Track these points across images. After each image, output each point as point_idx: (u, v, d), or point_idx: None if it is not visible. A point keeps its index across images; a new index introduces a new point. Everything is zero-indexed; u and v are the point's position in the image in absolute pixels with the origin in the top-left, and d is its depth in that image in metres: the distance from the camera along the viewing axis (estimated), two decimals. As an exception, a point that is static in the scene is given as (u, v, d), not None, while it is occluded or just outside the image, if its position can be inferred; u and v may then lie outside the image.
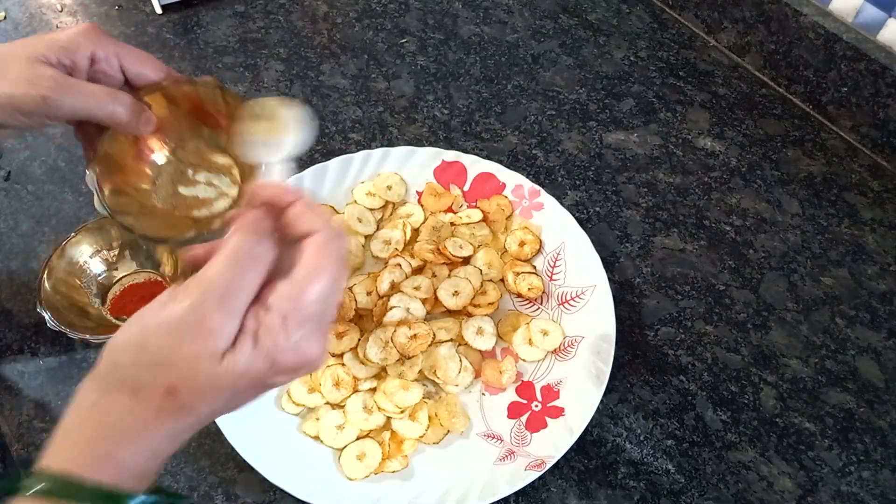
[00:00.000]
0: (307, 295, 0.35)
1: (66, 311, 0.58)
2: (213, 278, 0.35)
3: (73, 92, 0.45)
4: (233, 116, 0.51)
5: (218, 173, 0.54)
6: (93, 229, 0.62)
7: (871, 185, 0.74)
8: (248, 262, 0.35)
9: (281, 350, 0.34)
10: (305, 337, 0.35)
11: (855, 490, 0.55)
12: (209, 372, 0.34)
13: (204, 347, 0.33)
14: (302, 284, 0.35)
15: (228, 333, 0.34)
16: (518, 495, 0.53)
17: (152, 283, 0.63)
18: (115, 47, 0.48)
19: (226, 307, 0.34)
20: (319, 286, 0.35)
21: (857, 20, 0.74)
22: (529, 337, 0.60)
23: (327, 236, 0.36)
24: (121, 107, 0.47)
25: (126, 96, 0.48)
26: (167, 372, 0.34)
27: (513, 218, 0.67)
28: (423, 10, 0.89)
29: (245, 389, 0.35)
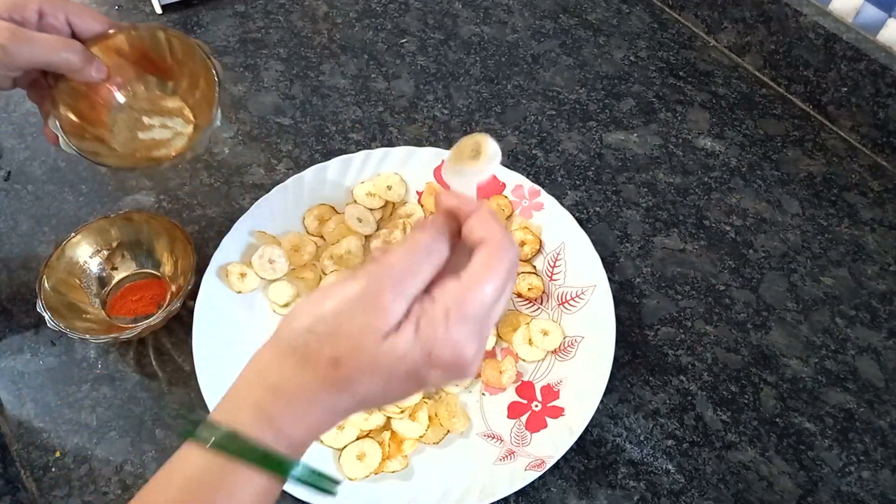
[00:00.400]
0: (472, 294, 0.35)
1: (66, 311, 0.58)
2: (390, 262, 0.36)
3: (28, 41, 0.48)
4: (177, 57, 0.56)
5: (170, 115, 0.58)
6: (93, 229, 0.62)
7: (871, 185, 0.74)
8: (424, 254, 0.36)
9: (438, 341, 0.35)
10: (464, 335, 0.35)
11: (855, 490, 0.55)
12: (372, 349, 0.34)
13: (371, 323, 0.34)
14: (468, 284, 0.36)
15: (396, 313, 0.35)
16: (518, 495, 0.53)
17: (152, 283, 0.63)
18: (61, 3, 0.51)
19: (398, 288, 0.35)
20: (485, 288, 0.36)
21: (857, 20, 0.74)
22: (529, 337, 0.60)
23: (500, 245, 0.37)
24: (73, 53, 0.51)
25: (77, 44, 0.51)
26: (335, 342, 0.34)
27: (513, 218, 0.67)
28: (423, 10, 0.89)
29: (401, 377, 0.35)
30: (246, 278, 0.62)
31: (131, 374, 0.59)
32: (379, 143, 0.75)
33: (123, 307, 0.61)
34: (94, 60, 0.53)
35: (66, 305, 0.59)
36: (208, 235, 0.67)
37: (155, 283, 0.62)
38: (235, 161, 0.73)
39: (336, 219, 0.66)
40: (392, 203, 0.67)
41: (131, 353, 0.60)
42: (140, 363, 0.59)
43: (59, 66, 0.51)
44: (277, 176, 0.71)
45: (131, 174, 0.69)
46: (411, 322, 0.35)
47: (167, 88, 0.58)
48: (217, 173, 0.72)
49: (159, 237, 0.63)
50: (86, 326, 0.58)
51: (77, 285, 0.61)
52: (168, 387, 0.58)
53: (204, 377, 0.55)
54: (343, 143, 0.75)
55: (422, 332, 0.35)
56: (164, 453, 0.55)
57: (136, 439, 0.55)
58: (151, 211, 0.68)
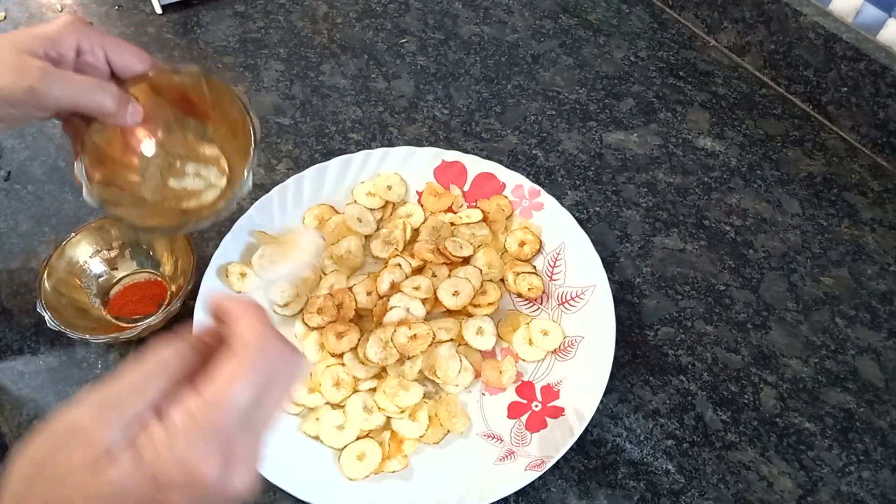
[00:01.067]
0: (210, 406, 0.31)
1: (66, 311, 0.58)
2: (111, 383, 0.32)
3: (59, 82, 0.45)
4: (218, 105, 0.52)
5: (206, 164, 0.54)
6: (93, 229, 0.62)
7: (871, 185, 0.74)
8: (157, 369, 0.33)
9: (162, 465, 0.30)
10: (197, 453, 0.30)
11: (855, 490, 0.55)
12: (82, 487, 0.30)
13: (81, 459, 0.30)
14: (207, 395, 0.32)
15: (105, 442, 0.30)
16: (518, 495, 0.53)
17: (152, 283, 0.63)
18: (100, 39, 0.48)
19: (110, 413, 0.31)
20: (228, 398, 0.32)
21: (857, 20, 0.74)
22: (529, 337, 0.60)
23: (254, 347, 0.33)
24: (107, 97, 0.47)
25: (112, 86, 0.48)
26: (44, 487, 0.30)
27: (513, 218, 0.67)
28: (423, 10, 0.89)
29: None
30: (246, 278, 0.62)
31: (131, 374, 0.59)
32: (379, 143, 0.75)
33: (123, 307, 0.61)
34: (128, 104, 0.49)
35: (66, 305, 0.59)
36: (208, 235, 0.67)
37: (155, 283, 0.63)
38: (235, 161, 0.73)
39: (336, 219, 0.66)
40: (392, 203, 0.67)
41: (131, 354, 0.60)
42: (140, 363, 0.59)
43: (91, 109, 0.47)
44: (277, 176, 0.71)
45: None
46: (128, 448, 0.30)
47: (205, 135, 0.54)
48: (217, 173, 0.72)
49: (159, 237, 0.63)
50: (86, 326, 0.58)
51: (77, 285, 0.61)
52: (168, 387, 0.58)
53: (204, 377, 0.55)
54: (343, 143, 0.75)
55: (144, 459, 0.30)
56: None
57: (136, 439, 0.55)
58: (151, 211, 0.68)
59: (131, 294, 0.62)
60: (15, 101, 0.45)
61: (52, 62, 0.46)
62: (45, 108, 0.46)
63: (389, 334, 0.58)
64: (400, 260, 0.63)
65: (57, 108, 0.46)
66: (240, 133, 0.51)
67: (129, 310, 0.61)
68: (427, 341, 0.58)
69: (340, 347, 0.58)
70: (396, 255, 0.63)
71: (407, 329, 0.58)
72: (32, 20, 0.86)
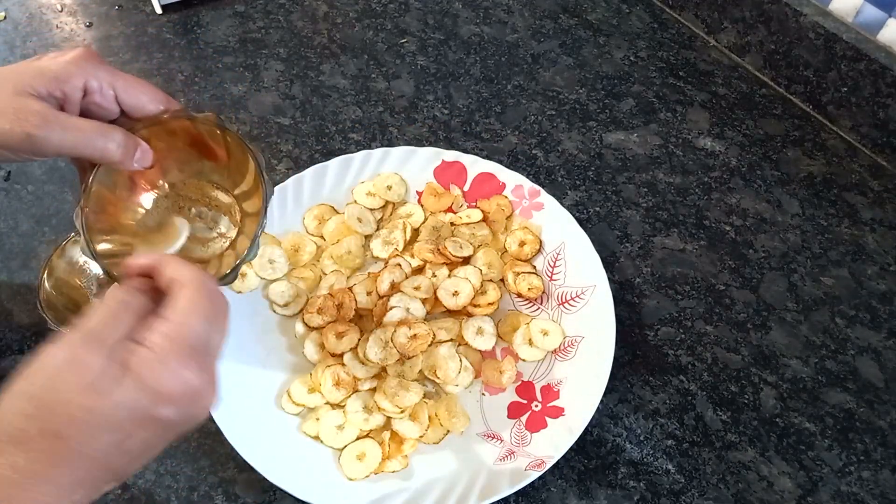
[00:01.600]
0: (184, 327, 0.36)
1: (66, 311, 0.58)
2: (85, 321, 0.36)
3: (59, 128, 0.43)
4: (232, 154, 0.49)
5: (217, 212, 0.51)
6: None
7: (871, 185, 0.74)
8: (121, 307, 0.37)
9: (163, 377, 0.34)
10: (188, 366, 0.35)
11: (855, 490, 0.55)
12: (83, 406, 0.33)
13: (74, 382, 0.34)
14: (177, 318, 0.36)
15: (98, 366, 0.34)
16: (518, 495, 0.53)
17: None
18: (110, 77, 0.45)
19: (94, 342, 0.35)
20: (193, 319, 0.36)
21: (857, 20, 0.74)
22: (529, 337, 0.60)
23: (195, 280, 0.38)
24: (112, 143, 0.44)
25: (118, 132, 0.45)
26: (45, 416, 0.33)
27: (513, 218, 0.67)
28: (423, 10, 0.89)
29: (131, 425, 0.34)
30: (246, 278, 0.62)
31: (131, 374, 0.59)
32: (379, 143, 0.75)
33: None
34: (136, 149, 0.46)
35: (66, 305, 0.59)
36: (208, 235, 0.67)
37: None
38: (235, 161, 0.73)
39: (336, 219, 0.66)
40: (392, 203, 0.67)
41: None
42: (140, 363, 0.59)
43: (94, 156, 0.44)
44: (277, 176, 0.71)
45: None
46: (115, 366, 0.34)
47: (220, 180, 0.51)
48: (217, 173, 0.72)
49: None
50: None
51: (77, 285, 0.61)
52: (168, 387, 0.58)
53: (204, 377, 0.55)
54: (343, 143, 0.75)
55: (132, 372, 0.34)
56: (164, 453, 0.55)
57: (136, 439, 0.55)
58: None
59: None
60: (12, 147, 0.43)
61: (57, 102, 0.44)
62: (44, 154, 0.44)
63: (389, 334, 0.58)
64: (400, 260, 0.63)
65: (57, 153, 0.44)
66: (251, 189, 0.49)
67: None
68: (427, 341, 0.58)
69: (340, 347, 0.58)
70: (396, 255, 0.63)
71: (407, 329, 0.58)
72: (32, 20, 0.86)
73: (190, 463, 0.55)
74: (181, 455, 0.55)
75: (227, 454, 0.54)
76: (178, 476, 0.54)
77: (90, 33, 0.85)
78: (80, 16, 0.87)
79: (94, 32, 0.85)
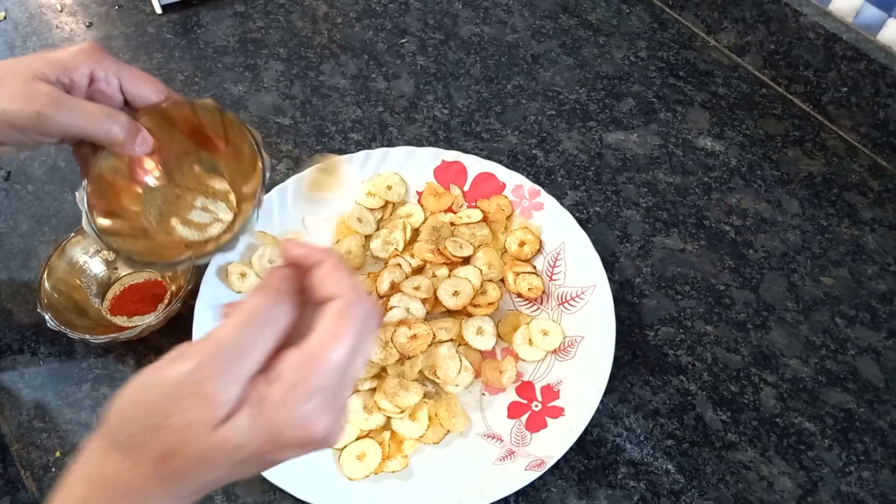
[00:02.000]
0: (318, 366, 0.32)
1: (66, 311, 0.58)
2: (221, 340, 0.32)
3: (67, 109, 0.45)
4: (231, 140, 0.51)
5: (214, 198, 0.53)
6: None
7: (871, 185, 0.74)
8: (261, 326, 0.33)
9: (282, 424, 0.32)
10: (312, 411, 0.32)
11: (855, 490, 0.55)
12: (201, 443, 0.31)
13: (198, 416, 0.31)
14: (313, 354, 0.32)
15: (226, 402, 0.31)
16: (518, 495, 0.53)
17: (152, 283, 0.63)
18: (115, 67, 0.48)
19: (228, 373, 0.32)
20: (331, 356, 0.32)
21: (857, 20, 0.74)
22: (529, 337, 0.60)
23: (349, 302, 0.33)
24: (116, 126, 0.47)
25: (122, 116, 0.47)
26: (159, 437, 0.31)
27: (513, 218, 0.67)
28: (423, 10, 0.89)
29: (245, 463, 0.33)
30: (246, 278, 0.62)
31: (131, 374, 0.59)
32: (379, 143, 0.75)
33: (124, 307, 0.61)
34: (138, 134, 0.48)
35: (66, 305, 0.59)
36: (208, 235, 0.67)
37: (155, 283, 0.63)
38: (235, 161, 0.73)
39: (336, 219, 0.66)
40: (392, 203, 0.67)
41: (131, 353, 0.60)
42: (140, 363, 0.59)
43: (99, 138, 0.47)
44: (277, 176, 0.71)
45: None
46: (247, 408, 0.32)
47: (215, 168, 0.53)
48: (217, 173, 0.72)
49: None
50: (86, 326, 0.58)
51: (77, 285, 0.61)
52: (168, 387, 0.58)
53: (204, 377, 0.55)
54: (343, 143, 0.75)
55: (263, 418, 0.32)
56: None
57: (136, 439, 0.55)
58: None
59: (131, 294, 0.62)
60: (21, 126, 0.44)
61: (64, 88, 0.46)
62: (52, 135, 0.46)
63: (389, 334, 0.58)
64: (400, 260, 0.63)
65: (64, 134, 0.46)
66: (250, 171, 0.51)
67: (129, 310, 0.61)
68: (427, 341, 0.58)
69: (340, 347, 0.58)
70: (396, 255, 0.63)
71: (407, 329, 0.58)
72: (33, 20, 0.86)
73: (190, 463, 0.54)
74: (181, 455, 0.55)
75: (227, 454, 0.54)
76: (178, 476, 0.54)
77: (90, 33, 0.85)
78: (80, 16, 0.87)
79: (94, 32, 0.85)
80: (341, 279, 0.34)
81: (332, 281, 0.34)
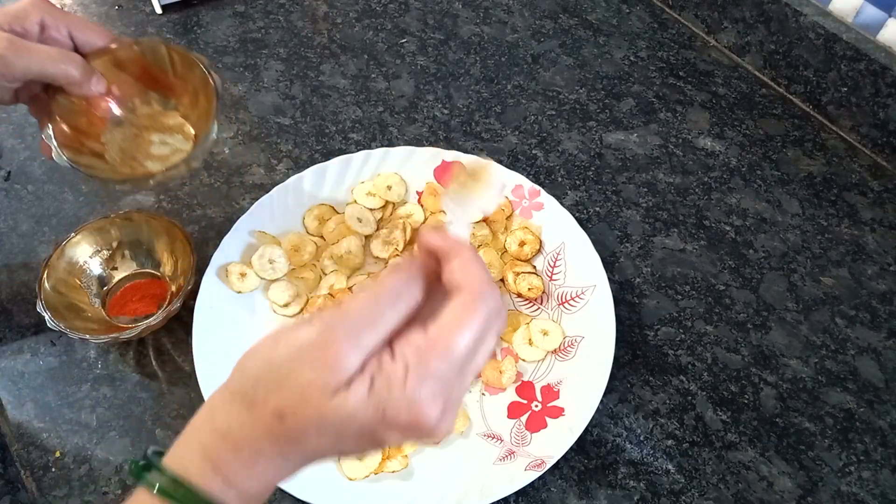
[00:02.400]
0: (438, 351, 0.32)
1: (66, 311, 0.58)
2: (350, 309, 0.33)
3: (26, 52, 0.48)
4: (180, 73, 0.55)
5: (170, 132, 0.57)
6: (93, 229, 0.62)
7: (871, 185, 0.74)
8: (389, 302, 0.33)
9: (393, 401, 0.32)
10: (425, 395, 0.32)
11: (855, 490, 0.55)
12: (317, 405, 0.32)
13: (319, 378, 0.32)
14: (435, 338, 0.33)
15: (347, 369, 0.32)
16: (518, 495, 0.53)
17: (152, 282, 0.63)
18: (64, 17, 0.51)
19: (353, 340, 0.32)
20: (453, 343, 0.32)
21: (857, 20, 0.74)
22: (529, 337, 0.60)
23: (477, 293, 0.34)
24: (73, 67, 0.50)
25: (77, 57, 0.50)
26: (279, 394, 0.32)
27: (513, 218, 0.67)
28: (423, 10, 0.89)
29: (353, 435, 0.33)
30: (246, 278, 0.62)
31: (131, 374, 0.59)
32: (379, 143, 0.75)
33: (123, 307, 0.61)
34: (93, 74, 0.51)
35: (66, 305, 0.59)
36: (208, 235, 0.67)
37: (155, 283, 0.62)
38: (235, 161, 0.73)
39: (336, 219, 0.66)
40: (392, 203, 0.67)
41: (131, 353, 0.60)
42: (140, 363, 0.59)
43: (58, 77, 0.50)
44: (277, 176, 0.71)
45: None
46: (365, 379, 0.32)
47: (168, 105, 0.57)
48: (217, 173, 0.72)
49: (159, 237, 0.63)
50: (86, 326, 0.58)
51: (77, 285, 0.61)
52: (168, 387, 0.58)
53: (204, 377, 0.55)
54: (343, 143, 0.75)
55: (376, 391, 0.32)
56: (164, 453, 0.55)
57: (136, 439, 0.55)
58: (151, 211, 0.68)
59: (131, 294, 0.62)
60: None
61: (18, 36, 0.48)
62: (13, 78, 0.48)
63: (389, 334, 0.58)
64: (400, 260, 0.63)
65: (24, 77, 0.49)
66: (202, 96, 0.54)
67: (129, 310, 0.61)
68: (427, 341, 0.58)
69: (340, 347, 0.58)
70: (396, 255, 0.63)
71: (407, 329, 0.58)
72: (32, 20, 0.86)
73: (190, 463, 0.54)
74: (181, 455, 0.55)
75: (227, 454, 0.54)
76: (178, 476, 0.54)
77: (90, 33, 0.85)
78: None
79: (94, 32, 0.85)
80: (474, 272, 0.35)
81: (465, 272, 0.35)
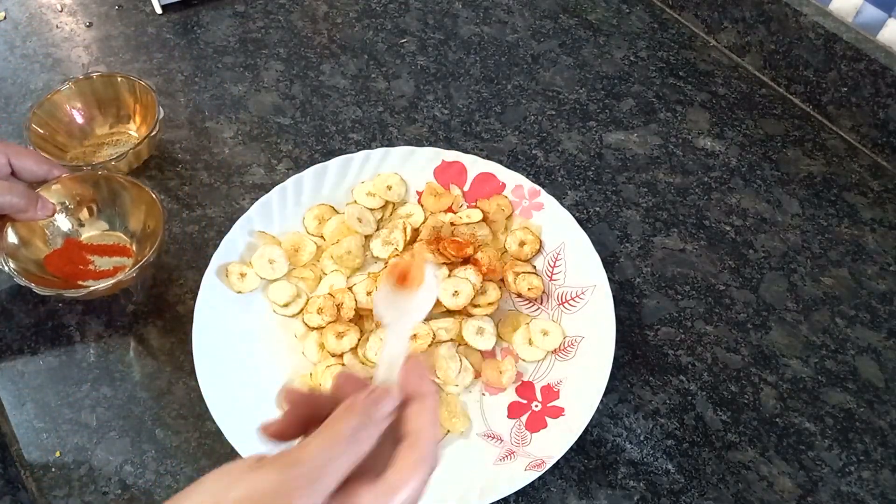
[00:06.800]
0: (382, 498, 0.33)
1: (29, 263, 0.60)
2: (308, 455, 0.33)
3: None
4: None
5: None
6: (67, 181, 0.62)
7: (871, 185, 0.74)
8: (344, 446, 0.33)
9: None
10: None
11: (855, 490, 0.55)
12: None
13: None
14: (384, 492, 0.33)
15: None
16: (518, 495, 0.53)
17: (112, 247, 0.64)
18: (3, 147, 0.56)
19: (313, 490, 0.32)
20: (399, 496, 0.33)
21: (857, 20, 0.74)
22: (529, 337, 0.60)
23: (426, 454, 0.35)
24: (15, 197, 0.55)
25: (19, 186, 0.55)
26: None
27: (513, 218, 0.67)
28: (423, 10, 0.89)
29: None
30: (246, 278, 0.62)
31: (131, 374, 0.59)
32: (379, 143, 0.75)
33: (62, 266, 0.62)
34: (36, 201, 0.56)
35: (29, 258, 0.60)
36: (208, 235, 0.67)
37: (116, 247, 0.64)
38: (235, 161, 0.73)
39: (336, 219, 0.66)
40: (392, 203, 0.67)
41: (131, 353, 0.60)
42: (140, 363, 0.59)
43: (3, 207, 0.55)
44: (277, 176, 0.71)
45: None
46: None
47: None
48: (217, 173, 0.72)
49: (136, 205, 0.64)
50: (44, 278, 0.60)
51: (43, 236, 0.62)
52: (168, 387, 0.58)
53: (204, 377, 0.55)
54: (343, 143, 0.75)
55: None
56: (164, 453, 0.55)
57: (136, 439, 0.55)
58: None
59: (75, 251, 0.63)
60: None
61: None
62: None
63: (389, 334, 0.58)
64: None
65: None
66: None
67: (67, 271, 0.61)
68: (427, 341, 0.58)
69: (340, 347, 0.58)
70: (396, 255, 0.63)
71: (407, 329, 0.58)
72: (32, 20, 0.86)
73: (190, 463, 0.55)
74: (181, 455, 0.55)
75: (227, 454, 0.54)
76: (178, 476, 0.54)
77: (90, 33, 0.85)
78: (80, 16, 0.87)
79: (94, 32, 0.85)
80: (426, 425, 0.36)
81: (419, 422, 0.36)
